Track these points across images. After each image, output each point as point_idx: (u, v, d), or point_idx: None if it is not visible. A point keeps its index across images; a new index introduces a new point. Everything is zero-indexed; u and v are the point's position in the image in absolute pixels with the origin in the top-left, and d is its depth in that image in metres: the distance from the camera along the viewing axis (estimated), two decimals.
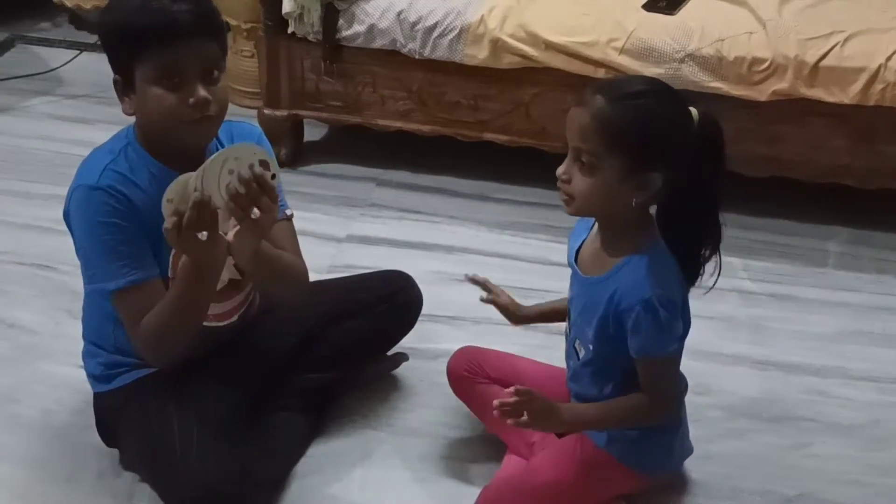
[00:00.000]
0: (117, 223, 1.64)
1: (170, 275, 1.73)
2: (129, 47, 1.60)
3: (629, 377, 1.71)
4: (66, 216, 1.70)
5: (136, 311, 1.66)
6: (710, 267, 1.71)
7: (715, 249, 1.69)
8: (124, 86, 1.64)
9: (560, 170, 1.64)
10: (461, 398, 1.99)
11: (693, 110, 1.61)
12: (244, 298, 1.88)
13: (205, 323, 1.78)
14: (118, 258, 1.64)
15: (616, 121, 1.55)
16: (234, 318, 1.86)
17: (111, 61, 1.65)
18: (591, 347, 1.73)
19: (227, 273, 1.82)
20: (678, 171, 1.59)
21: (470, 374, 1.96)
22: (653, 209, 1.68)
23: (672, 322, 1.64)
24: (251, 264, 1.69)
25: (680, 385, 1.80)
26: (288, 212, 1.79)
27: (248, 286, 1.88)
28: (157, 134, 1.67)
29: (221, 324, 1.83)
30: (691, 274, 1.71)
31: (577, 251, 1.78)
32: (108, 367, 1.81)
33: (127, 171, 1.66)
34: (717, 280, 1.70)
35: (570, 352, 1.82)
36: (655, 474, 1.84)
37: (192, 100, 1.60)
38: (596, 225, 1.75)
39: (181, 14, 1.59)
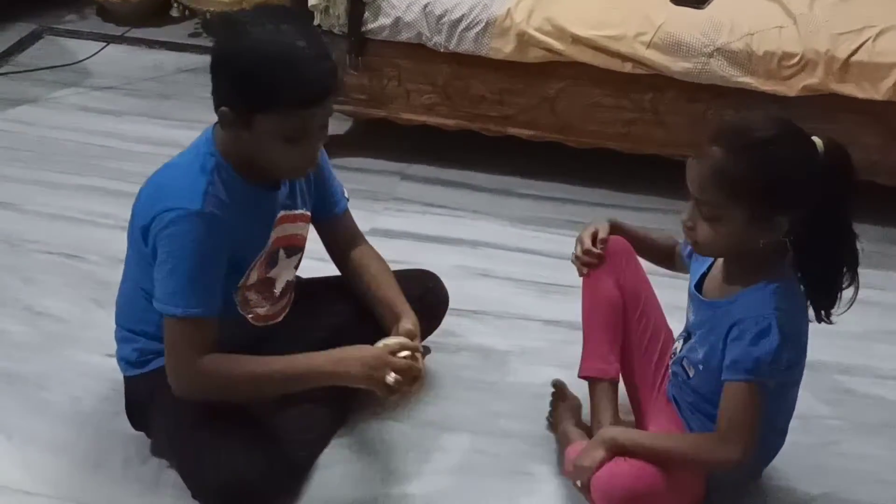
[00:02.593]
0: (211, 253, 1.66)
1: (240, 283, 1.76)
2: (269, 104, 1.58)
3: None
4: (153, 231, 1.66)
5: (194, 343, 1.67)
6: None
7: (854, 274, 1.66)
8: (235, 120, 1.62)
9: (684, 217, 1.63)
10: (586, 277, 1.91)
11: (818, 141, 1.57)
12: (289, 298, 1.92)
13: (256, 323, 1.83)
14: (195, 287, 1.65)
15: (734, 173, 1.53)
16: (280, 318, 1.90)
17: (223, 93, 1.61)
18: (700, 368, 1.70)
19: (287, 276, 1.86)
20: (806, 209, 1.56)
21: (608, 264, 1.88)
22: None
23: (779, 350, 1.57)
24: None
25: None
26: (346, 195, 1.95)
27: (293, 286, 1.92)
28: (260, 164, 1.68)
29: (270, 323, 1.86)
30: (828, 300, 1.67)
31: (701, 276, 1.74)
32: (145, 352, 1.83)
33: (224, 194, 1.66)
34: (853, 302, 1.68)
35: (677, 368, 1.77)
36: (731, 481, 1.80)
37: (310, 155, 1.66)
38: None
39: (327, 78, 1.59)
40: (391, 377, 1.71)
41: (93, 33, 3.58)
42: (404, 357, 1.75)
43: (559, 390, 1.98)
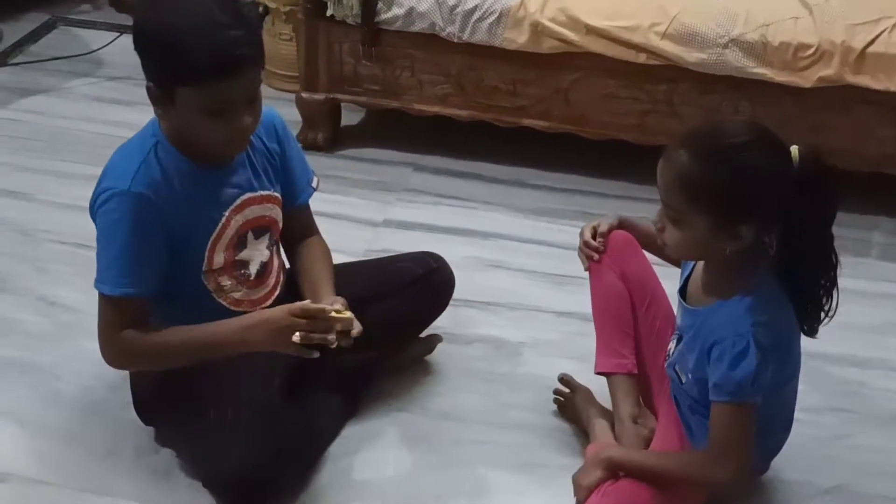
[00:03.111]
0: (139, 232, 1.65)
1: (204, 267, 1.75)
2: (179, 75, 1.55)
3: None
4: (92, 211, 1.71)
5: (117, 321, 1.69)
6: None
7: (831, 286, 1.61)
8: (160, 96, 1.60)
9: (654, 218, 1.61)
10: (591, 272, 1.92)
11: (794, 150, 1.52)
12: (275, 281, 1.90)
13: (236, 309, 1.82)
14: (124, 267, 1.66)
15: (696, 179, 1.49)
16: (268, 302, 1.88)
17: (146, 68, 1.60)
18: (689, 377, 1.68)
19: (260, 258, 1.84)
20: (772, 221, 1.53)
21: (611, 258, 1.89)
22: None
23: (759, 369, 1.54)
24: None
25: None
26: (314, 184, 1.92)
27: (275, 268, 1.90)
28: (192, 142, 1.67)
29: (255, 309, 1.83)
30: (812, 312, 1.63)
31: (687, 278, 1.72)
32: None
33: (158, 173, 1.65)
34: (833, 315, 1.64)
35: (671, 372, 1.76)
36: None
37: (235, 129, 1.62)
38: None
39: (242, 51, 1.55)
40: (296, 336, 1.63)
41: (106, 23, 3.57)
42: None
43: (567, 383, 1.98)
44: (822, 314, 1.64)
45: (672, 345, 1.77)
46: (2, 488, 1.81)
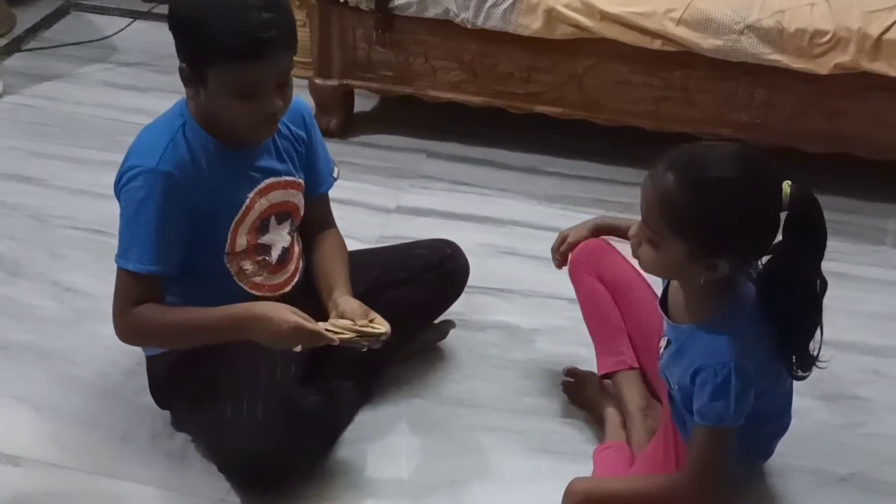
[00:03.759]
0: (164, 210, 1.65)
1: (226, 249, 1.76)
2: (209, 55, 1.56)
3: None
4: (117, 188, 1.71)
5: (133, 297, 1.69)
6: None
7: (810, 334, 1.58)
8: (192, 76, 1.61)
9: (631, 232, 1.58)
10: (573, 282, 1.98)
11: (786, 187, 1.47)
12: (295, 267, 1.90)
13: (257, 293, 1.82)
14: (148, 244, 1.66)
15: (679, 206, 1.46)
16: (288, 288, 1.89)
17: (180, 50, 1.61)
18: (676, 388, 1.68)
19: (282, 243, 1.84)
20: (753, 257, 1.51)
21: (587, 263, 1.94)
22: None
23: (743, 395, 1.53)
24: None
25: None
26: (335, 174, 1.93)
27: (296, 255, 1.90)
28: (221, 123, 1.67)
29: (275, 294, 1.85)
30: (790, 352, 1.59)
31: (665, 290, 1.71)
32: None
33: (185, 151, 1.66)
34: (817, 357, 1.61)
35: (663, 376, 1.75)
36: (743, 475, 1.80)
37: (265, 112, 1.62)
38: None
39: (271, 34, 1.56)
40: (298, 348, 1.67)
41: (119, 9, 3.57)
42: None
43: (573, 374, 1.99)
44: (807, 356, 1.60)
45: (663, 343, 1.75)
46: (17, 472, 1.82)
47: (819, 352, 1.60)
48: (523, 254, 2.44)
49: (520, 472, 1.86)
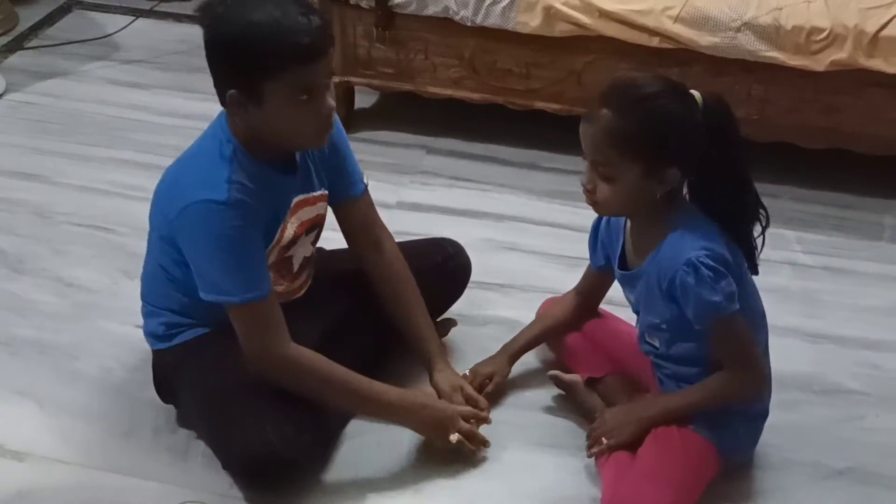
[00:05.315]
0: (245, 239, 1.66)
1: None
2: (268, 69, 1.57)
3: (711, 360, 1.73)
4: (177, 226, 1.68)
5: (269, 324, 1.70)
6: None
7: (754, 222, 1.70)
8: (244, 99, 1.61)
9: (583, 179, 1.69)
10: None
11: (696, 94, 1.62)
12: (308, 272, 1.93)
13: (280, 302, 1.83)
14: (243, 274, 1.67)
15: (625, 131, 1.59)
16: (302, 292, 1.91)
17: (228, 75, 1.60)
18: (664, 328, 1.74)
19: (304, 253, 1.87)
20: (695, 159, 1.62)
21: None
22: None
23: (719, 279, 1.62)
24: None
25: (762, 353, 1.77)
26: (365, 180, 1.95)
27: (312, 260, 1.93)
28: (274, 141, 1.68)
29: (290, 299, 1.87)
30: (743, 228, 1.70)
31: (621, 257, 1.80)
32: (171, 326, 1.85)
33: (246, 180, 1.66)
34: (759, 254, 1.71)
35: (645, 346, 1.83)
36: (739, 460, 1.85)
37: (324, 112, 1.65)
38: (628, 224, 1.77)
39: (321, 34, 1.59)
40: (455, 437, 1.79)
41: (121, 7, 3.59)
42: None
43: (557, 382, 2.00)
44: (751, 247, 1.71)
45: (639, 327, 1.83)
46: (21, 467, 1.84)
47: (763, 240, 1.73)
48: (523, 249, 2.46)
49: (520, 465, 1.87)
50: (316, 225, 1.88)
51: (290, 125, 1.65)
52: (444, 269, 2.08)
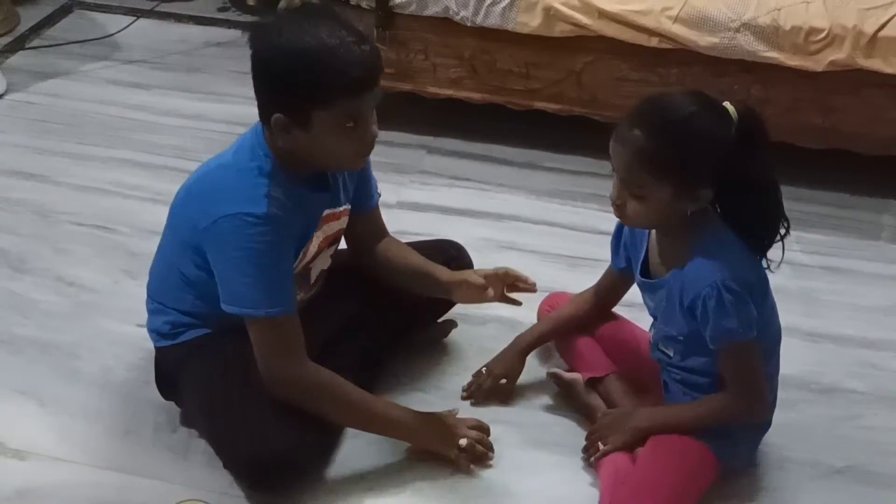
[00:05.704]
0: (277, 254, 1.67)
1: None
2: (321, 97, 1.58)
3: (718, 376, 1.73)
4: (208, 235, 1.68)
5: (278, 340, 1.70)
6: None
7: (780, 225, 1.69)
8: (290, 123, 1.62)
9: (612, 195, 1.66)
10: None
11: (729, 107, 1.60)
12: (323, 282, 1.94)
13: None
14: (271, 288, 1.67)
15: (658, 153, 1.57)
16: (311, 293, 1.92)
17: (275, 101, 1.61)
18: (680, 340, 1.74)
19: (322, 266, 1.89)
20: (728, 176, 1.60)
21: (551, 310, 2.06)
22: None
23: (741, 306, 1.62)
24: None
25: (768, 379, 1.77)
26: (379, 191, 1.97)
27: (326, 271, 1.94)
28: (314, 162, 1.69)
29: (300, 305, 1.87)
30: (766, 240, 1.69)
31: (643, 263, 1.78)
32: (176, 325, 1.85)
33: (282, 195, 1.67)
34: (787, 234, 1.71)
35: (657, 354, 1.82)
36: (738, 467, 1.85)
37: (368, 139, 1.67)
38: (653, 233, 1.76)
39: (371, 63, 1.60)
40: (464, 441, 1.82)
41: (122, 7, 3.59)
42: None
43: (557, 381, 2.00)
44: (773, 238, 1.70)
45: (652, 332, 1.83)
46: (22, 466, 1.84)
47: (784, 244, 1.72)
48: (522, 248, 2.46)
49: (519, 464, 1.88)
50: (337, 239, 1.90)
51: (334, 150, 1.67)
52: None
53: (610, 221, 2.51)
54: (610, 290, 1.97)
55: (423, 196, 2.65)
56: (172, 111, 2.98)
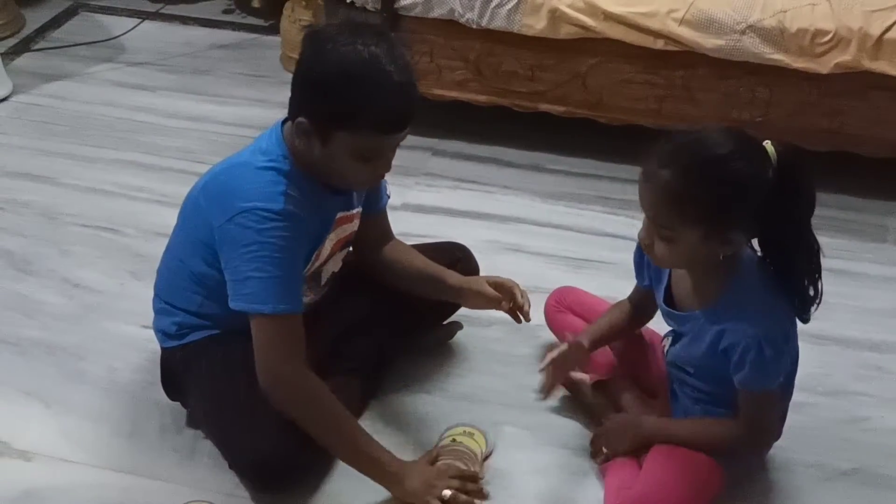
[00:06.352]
0: (290, 249, 1.66)
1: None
2: (350, 122, 1.57)
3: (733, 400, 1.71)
4: (224, 232, 1.67)
5: (289, 340, 1.67)
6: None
7: (815, 276, 1.61)
8: (312, 133, 1.61)
9: (641, 234, 1.61)
10: (550, 326, 2.08)
11: (769, 147, 1.52)
12: (334, 284, 1.94)
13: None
14: (281, 285, 1.65)
15: (686, 196, 1.49)
16: (321, 295, 1.92)
17: (306, 104, 1.60)
18: (699, 365, 1.72)
19: (333, 268, 1.89)
20: (764, 219, 1.53)
21: (559, 309, 2.05)
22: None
23: (777, 359, 1.60)
24: None
25: (776, 423, 1.78)
26: (388, 192, 1.97)
27: (338, 274, 1.94)
28: (327, 173, 1.68)
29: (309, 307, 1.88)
30: (801, 298, 1.63)
31: (666, 290, 1.74)
32: (183, 326, 1.85)
33: (299, 194, 1.67)
34: (820, 300, 1.64)
35: (672, 368, 1.81)
36: (741, 474, 1.84)
37: (378, 174, 1.68)
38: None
39: (408, 109, 1.59)
40: (447, 492, 1.73)
41: (127, 9, 3.60)
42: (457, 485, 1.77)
43: (564, 383, 1.98)
44: (811, 299, 1.63)
45: (667, 343, 1.80)
46: (28, 466, 1.84)
47: (821, 293, 1.63)
48: (527, 250, 2.46)
49: (526, 466, 1.88)
50: (349, 242, 1.90)
51: (343, 173, 1.67)
52: None
53: (615, 224, 2.55)
54: (642, 303, 1.89)
55: (428, 198, 2.65)
56: (178, 113, 2.99)
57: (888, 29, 2.41)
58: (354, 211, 1.86)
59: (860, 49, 2.43)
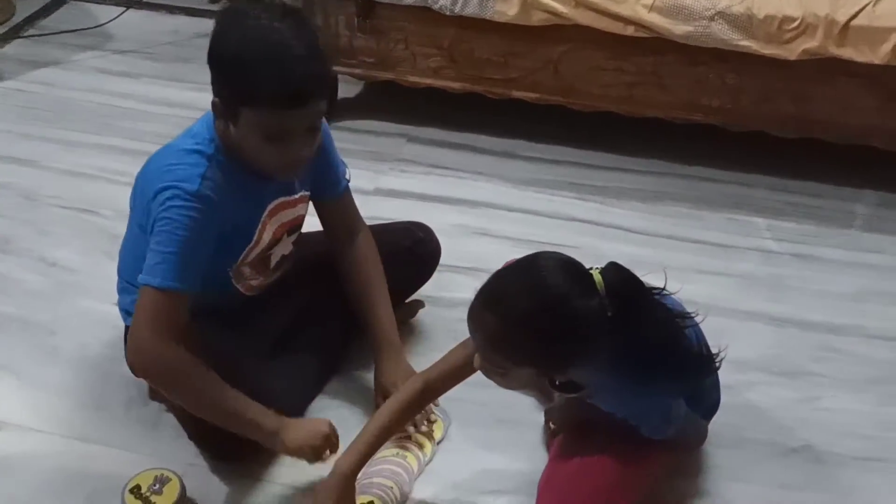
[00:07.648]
0: (198, 232, 1.66)
1: (236, 264, 1.81)
2: (247, 98, 1.58)
3: None
4: (150, 209, 1.68)
5: (162, 317, 1.66)
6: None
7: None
8: (225, 112, 1.64)
9: (476, 364, 1.57)
10: None
11: (596, 275, 1.46)
12: (286, 266, 1.96)
13: (247, 293, 1.89)
14: (178, 263, 1.66)
15: (508, 342, 1.46)
16: (272, 278, 1.95)
17: (216, 83, 1.62)
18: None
19: (282, 251, 1.91)
20: (599, 350, 1.48)
21: None
22: None
23: (666, 426, 1.64)
24: None
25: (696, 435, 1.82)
26: (348, 177, 1.97)
27: (289, 257, 1.96)
28: (246, 156, 1.70)
29: (261, 291, 1.92)
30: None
31: None
32: None
33: (220, 177, 1.68)
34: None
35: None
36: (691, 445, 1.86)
37: (288, 159, 1.67)
38: None
39: (312, 85, 1.59)
40: (328, 454, 1.74)
41: None
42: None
43: None
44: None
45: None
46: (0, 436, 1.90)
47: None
48: (494, 234, 2.50)
49: (479, 440, 1.92)
50: (297, 226, 1.92)
51: (254, 155, 1.67)
52: (413, 253, 2.11)
53: (584, 209, 2.59)
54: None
55: (400, 183, 2.69)
56: (160, 100, 3.03)
57: (854, 16, 2.43)
58: (297, 196, 1.86)
59: (827, 36, 2.45)
